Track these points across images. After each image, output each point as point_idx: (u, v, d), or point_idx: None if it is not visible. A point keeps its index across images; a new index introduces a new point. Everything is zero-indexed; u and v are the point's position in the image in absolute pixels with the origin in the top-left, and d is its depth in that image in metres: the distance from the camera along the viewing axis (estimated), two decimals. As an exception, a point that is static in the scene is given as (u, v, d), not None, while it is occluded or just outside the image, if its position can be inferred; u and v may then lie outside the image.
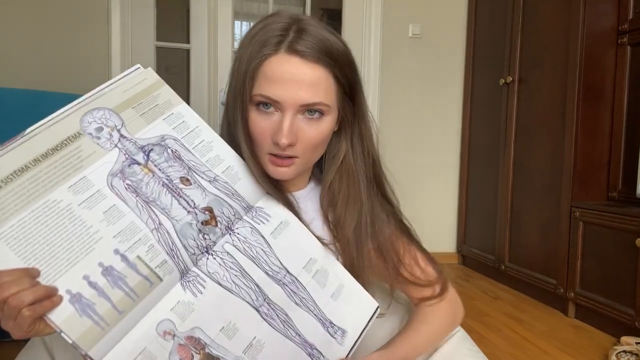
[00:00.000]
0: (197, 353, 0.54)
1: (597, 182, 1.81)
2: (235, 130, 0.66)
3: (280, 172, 0.65)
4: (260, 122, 0.63)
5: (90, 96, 0.57)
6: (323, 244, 0.68)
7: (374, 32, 2.52)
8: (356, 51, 2.77)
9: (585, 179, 1.79)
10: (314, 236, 0.67)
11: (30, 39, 2.13)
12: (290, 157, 0.64)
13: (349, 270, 0.69)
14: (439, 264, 0.79)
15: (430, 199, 2.66)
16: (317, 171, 0.78)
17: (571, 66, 1.80)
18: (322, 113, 0.64)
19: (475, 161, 2.54)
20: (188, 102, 0.64)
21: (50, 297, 0.47)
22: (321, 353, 0.62)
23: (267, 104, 0.63)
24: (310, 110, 0.63)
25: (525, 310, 1.89)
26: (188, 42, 2.41)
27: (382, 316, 0.76)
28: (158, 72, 0.65)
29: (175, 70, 2.82)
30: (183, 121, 0.62)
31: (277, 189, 0.68)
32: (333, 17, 2.84)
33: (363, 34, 2.55)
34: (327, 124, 0.65)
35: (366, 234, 0.71)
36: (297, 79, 0.61)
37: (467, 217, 2.60)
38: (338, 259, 0.70)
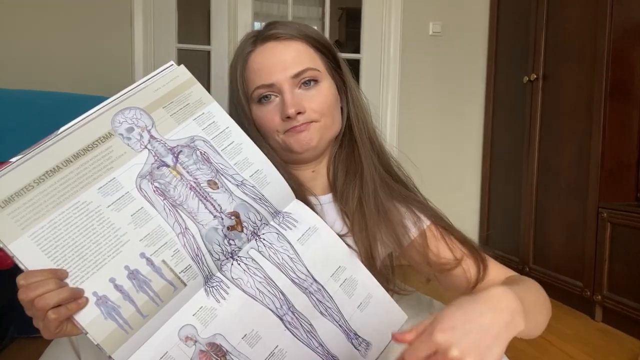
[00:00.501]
0: None
1: (626, 181, 1.75)
2: (249, 135, 0.66)
3: (302, 137, 0.67)
4: (267, 113, 0.67)
5: (122, 95, 0.57)
6: (346, 243, 0.65)
7: (394, 30, 2.50)
8: (376, 49, 2.78)
9: (613, 179, 1.74)
10: (344, 243, 0.65)
11: (56, 43, 2.19)
12: (306, 123, 0.67)
13: (361, 247, 0.67)
14: (468, 239, 0.70)
15: (452, 199, 2.62)
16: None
17: (598, 62, 1.74)
18: (316, 81, 0.68)
19: (498, 160, 2.49)
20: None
21: (76, 299, 0.48)
22: None
23: (267, 95, 0.67)
24: (305, 81, 0.67)
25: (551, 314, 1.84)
26: (209, 43, 2.44)
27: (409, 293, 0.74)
28: (179, 73, 0.64)
29: (196, 73, 2.85)
30: (213, 122, 0.61)
31: (301, 191, 0.67)
32: (352, 15, 2.83)
33: (383, 32, 2.54)
34: (326, 88, 0.69)
35: (369, 200, 0.68)
36: (279, 57, 0.66)
37: (490, 217, 2.55)
38: (355, 244, 0.67)
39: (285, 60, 0.66)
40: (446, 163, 2.62)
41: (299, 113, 0.65)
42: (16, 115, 1.52)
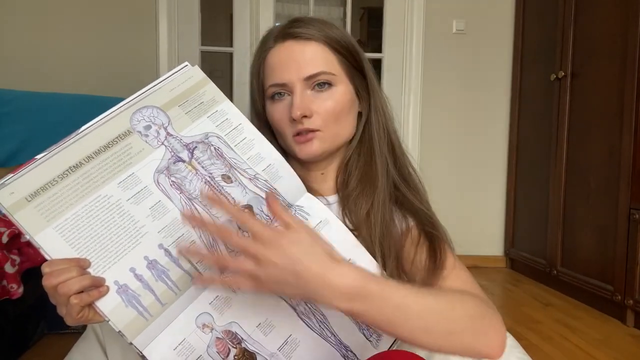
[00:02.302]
0: (233, 347, 0.56)
1: (660, 182, 1.68)
2: (262, 131, 0.66)
3: (305, 147, 0.67)
4: (277, 110, 0.68)
5: (140, 95, 0.60)
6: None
7: (416, 28, 2.48)
8: (397, 49, 2.75)
9: (645, 179, 1.68)
10: (354, 237, 0.65)
11: (82, 46, 2.26)
12: (313, 131, 0.67)
13: None
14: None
15: (477, 200, 2.58)
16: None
17: (630, 58, 1.68)
18: (330, 84, 0.67)
19: (525, 160, 2.43)
20: (231, 105, 0.66)
21: (98, 287, 0.50)
22: (356, 355, 0.61)
23: (280, 93, 0.68)
24: (319, 83, 0.67)
25: (579, 318, 1.79)
26: (231, 45, 2.47)
27: None
28: (202, 76, 0.66)
29: (219, 74, 2.89)
30: (226, 119, 0.63)
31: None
32: (374, 15, 2.81)
33: (405, 30, 2.52)
34: (339, 94, 0.68)
35: (377, 212, 0.66)
36: (295, 57, 0.66)
37: (516, 218, 2.50)
38: None
39: (301, 61, 0.66)
40: (471, 163, 2.57)
41: (304, 117, 0.65)
42: (43, 117, 1.57)
